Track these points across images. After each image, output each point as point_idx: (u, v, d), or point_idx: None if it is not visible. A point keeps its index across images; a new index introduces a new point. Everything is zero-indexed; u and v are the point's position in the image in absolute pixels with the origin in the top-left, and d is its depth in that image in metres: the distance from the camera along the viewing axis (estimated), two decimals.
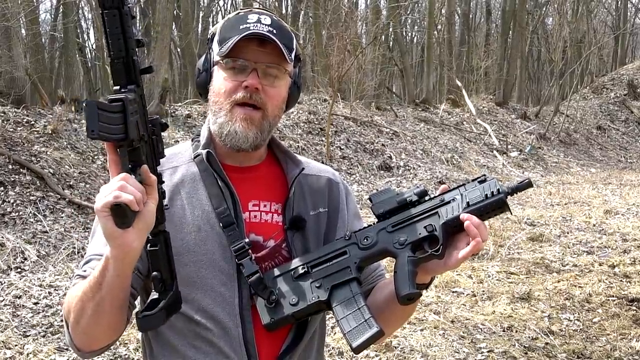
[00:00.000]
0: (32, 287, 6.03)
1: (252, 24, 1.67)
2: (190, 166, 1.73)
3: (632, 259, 7.71)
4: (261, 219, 1.75)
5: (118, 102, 1.31)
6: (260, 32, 1.64)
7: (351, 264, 1.67)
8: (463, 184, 1.69)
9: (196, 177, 1.72)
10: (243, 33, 1.64)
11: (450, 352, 5.09)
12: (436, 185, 13.14)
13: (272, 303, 1.65)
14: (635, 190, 13.41)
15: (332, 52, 14.24)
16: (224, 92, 1.68)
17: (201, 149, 1.72)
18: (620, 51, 35.58)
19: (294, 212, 1.76)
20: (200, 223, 1.68)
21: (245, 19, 1.69)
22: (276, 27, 1.68)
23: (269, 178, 1.78)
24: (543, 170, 17.11)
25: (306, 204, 1.80)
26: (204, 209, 1.69)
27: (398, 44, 25.85)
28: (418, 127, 17.05)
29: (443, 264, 1.63)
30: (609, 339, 5.48)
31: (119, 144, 1.35)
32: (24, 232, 7.12)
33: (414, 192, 1.70)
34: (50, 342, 4.97)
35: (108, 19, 1.32)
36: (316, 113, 14.43)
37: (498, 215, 1.66)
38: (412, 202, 1.69)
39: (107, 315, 1.50)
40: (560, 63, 22.13)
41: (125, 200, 1.30)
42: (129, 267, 1.43)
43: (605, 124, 23.46)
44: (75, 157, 9.03)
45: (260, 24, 1.67)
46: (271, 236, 1.75)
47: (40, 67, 15.09)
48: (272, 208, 1.76)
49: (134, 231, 1.34)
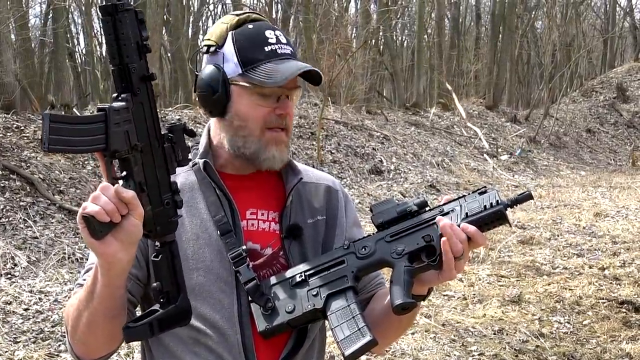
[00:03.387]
0: (22, 293, 6.00)
1: (275, 45, 1.67)
2: (189, 175, 1.74)
3: (622, 261, 7.75)
4: (258, 227, 1.75)
5: (99, 112, 1.31)
6: (300, 66, 1.65)
7: (348, 273, 1.67)
8: (464, 195, 1.70)
9: (194, 186, 1.72)
10: (274, 59, 1.65)
11: (442, 356, 5.11)
12: (427, 188, 13.17)
13: (268, 310, 1.65)
14: (624, 193, 13.47)
15: (323, 56, 14.27)
16: (254, 118, 1.68)
17: (199, 157, 1.72)
18: (609, 54, 35.76)
19: (291, 220, 1.76)
20: (198, 231, 1.68)
21: (263, 36, 1.68)
22: (291, 45, 1.72)
23: (267, 186, 1.78)
24: (533, 173, 17.16)
25: (304, 212, 1.80)
26: (202, 218, 1.69)
27: (388, 48, 25.90)
28: (409, 130, 17.08)
29: (439, 275, 1.63)
30: (599, 341, 5.50)
31: (102, 154, 1.34)
32: (14, 238, 7.09)
33: (414, 202, 1.71)
34: (41, 349, 4.95)
35: (103, 25, 1.33)
36: (307, 117, 14.43)
37: (497, 227, 1.67)
38: (412, 212, 1.70)
39: (101, 325, 1.51)
40: (549, 66, 22.26)
41: (91, 212, 1.30)
42: (116, 278, 1.42)
43: (595, 127, 23.56)
44: (65, 163, 9.01)
45: (282, 44, 1.68)
46: (268, 244, 1.75)
47: (30, 72, 15.04)
48: (270, 216, 1.77)
49: (115, 243, 1.34)
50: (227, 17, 1.74)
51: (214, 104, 1.68)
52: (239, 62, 1.65)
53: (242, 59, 1.65)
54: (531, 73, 35.91)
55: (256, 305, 1.66)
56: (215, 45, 1.69)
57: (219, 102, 1.68)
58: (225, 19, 1.73)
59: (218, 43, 1.69)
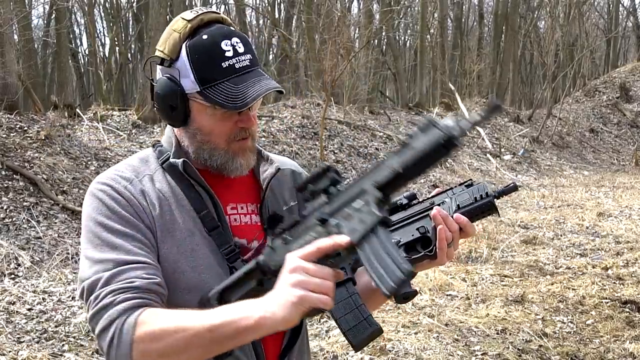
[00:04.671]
0: (26, 293, 6.01)
1: (232, 59, 1.61)
2: (161, 176, 1.71)
3: (625, 261, 7.74)
4: (241, 222, 1.76)
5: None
6: (262, 87, 1.61)
7: (346, 265, 1.67)
8: (450, 187, 1.76)
9: (172, 185, 1.70)
10: (232, 76, 1.60)
11: (445, 355, 5.10)
12: (430, 188, 13.16)
13: None
14: (628, 193, 13.46)
15: (325, 56, 14.24)
16: (217, 133, 1.66)
17: (173, 157, 1.69)
18: (612, 54, 35.75)
19: (270, 210, 1.77)
20: (191, 228, 1.67)
21: (219, 50, 1.61)
22: (250, 50, 1.65)
23: (239, 179, 1.77)
24: (536, 173, 17.15)
25: (277, 200, 1.82)
26: (191, 216, 1.68)
27: (391, 48, 25.90)
28: (411, 131, 17.06)
29: (431, 262, 1.69)
30: (602, 341, 5.50)
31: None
32: (18, 238, 7.11)
33: (404, 195, 1.76)
34: (45, 348, 4.96)
35: None
36: (309, 117, 14.44)
37: (487, 217, 1.74)
38: (402, 205, 1.75)
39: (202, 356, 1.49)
40: (552, 66, 22.20)
41: (326, 305, 1.38)
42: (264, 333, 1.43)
43: (598, 127, 23.54)
44: (68, 163, 9.02)
45: (239, 55, 1.62)
46: (254, 238, 1.76)
47: (33, 73, 15.07)
48: (249, 209, 1.78)
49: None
50: (179, 22, 1.65)
51: (174, 118, 1.66)
52: (196, 80, 1.61)
53: (198, 78, 1.60)
54: (534, 73, 35.89)
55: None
56: (169, 60, 1.63)
57: (179, 116, 1.65)
58: (177, 26, 1.64)
59: (171, 57, 1.63)
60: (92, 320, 1.53)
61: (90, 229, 1.61)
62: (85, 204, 1.66)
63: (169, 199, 1.68)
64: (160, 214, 1.65)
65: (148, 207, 1.64)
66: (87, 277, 1.56)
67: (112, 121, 11.91)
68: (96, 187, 1.65)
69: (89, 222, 1.62)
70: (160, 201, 1.67)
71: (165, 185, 1.69)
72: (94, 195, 1.64)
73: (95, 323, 1.52)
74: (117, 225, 1.60)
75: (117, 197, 1.63)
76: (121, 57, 25.43)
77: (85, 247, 1.62)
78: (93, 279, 1.55)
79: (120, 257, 1.56)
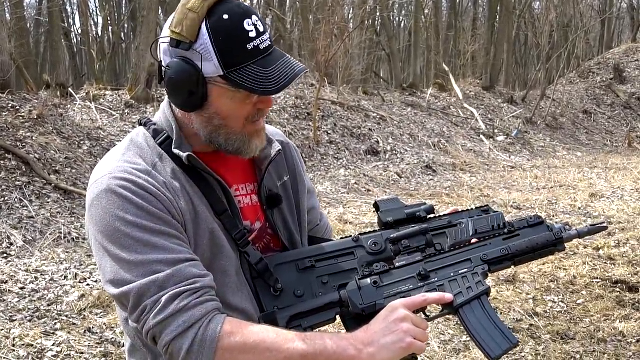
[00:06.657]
0: (18, 272, 6.02)
1: (257, 40, 1.54)
2: (166, 165, 1.63)
3: (617, 241, 7.77)
4: (244, 204, 1.73)
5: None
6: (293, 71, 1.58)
7: (359, 266, 1.72)
8: (467, 209, 1.84)
9: (177, 172, 1.62)
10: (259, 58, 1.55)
11: (436, 334, 5.14)
12: (423, 169, 13.18)
13: (277, 292, 1.66)
14: (620, 174, 13.50)
15: (319, 36, 14.20)
16: (237, 117, 1.60)
17: (175, 148, 1.61)
18: (606, 35, 35.69)
19: (267, 189, 1.76)
20: (208, 215, 1.62)
21: (243, 30, 1.53)
22: (266, 27, 1.59)
23: (235, 158, 1.71)
24: (529, 154, 17.18)
25: (272, 177, 1.81)
26: (203, 201, 1.63)
27: (385, 28, 25.81)
28: (405, 111, 17.06)
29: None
30: (592, 320, 5.54)
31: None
32: (10, 218, 7.10)
33: (423, 208, 1.80)
34: (37, 327, 4.97)
35: None
36: (303, 98, 14.40)
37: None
38: (420, 217, 1.80)
39: None
40: (547, 47, 22.16)
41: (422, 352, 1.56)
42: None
43: (592, 108, 23.53)
44: (61, 143, 8.99)
45: (261, 34, 1.56)
46: (256, 218, 1.75)
47: (25, 52, 14.96)
48: (248, 189, 1.76)
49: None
50: (193, 1, 1.53)
51: (190, 103, 1.58)
52: (220, 64, 1.52)
53: (224, 61, 1.52)
54: (528, 54, 35.83)
55: (262, 284, 1.66)
56: (188, 42, 1.53)
57: (196, 101, 1.57)
58: (192, 5, 1.52)
59: (190, 39, 1.52)
60: (158, 326, 1.46)
61: (118, 229, 1.50)
62: (102, 202, 1.53)
63: (185, 186, 1.61)
64: (185, 203, 1.58)
65: (173, 199, 1.57)
66: (131, 280, 1.48)
67: (104, 101, 11.86)
68: (114, 183, 1.53)
69: (115, 222, 1.50)
70: (181, 191, 1.60)
71: (178, 172, 1.62)
72: (114, 192, 1.52)
73: (163, 328, 1.46)
74: (150, 223, 1.51)
75: (142, 193, 1.53)
76: (114, 37, 25.31)
77: (112, 249, 1.51)
78: (143, 282, 1.47)
79: (166, 256, 1.49)
